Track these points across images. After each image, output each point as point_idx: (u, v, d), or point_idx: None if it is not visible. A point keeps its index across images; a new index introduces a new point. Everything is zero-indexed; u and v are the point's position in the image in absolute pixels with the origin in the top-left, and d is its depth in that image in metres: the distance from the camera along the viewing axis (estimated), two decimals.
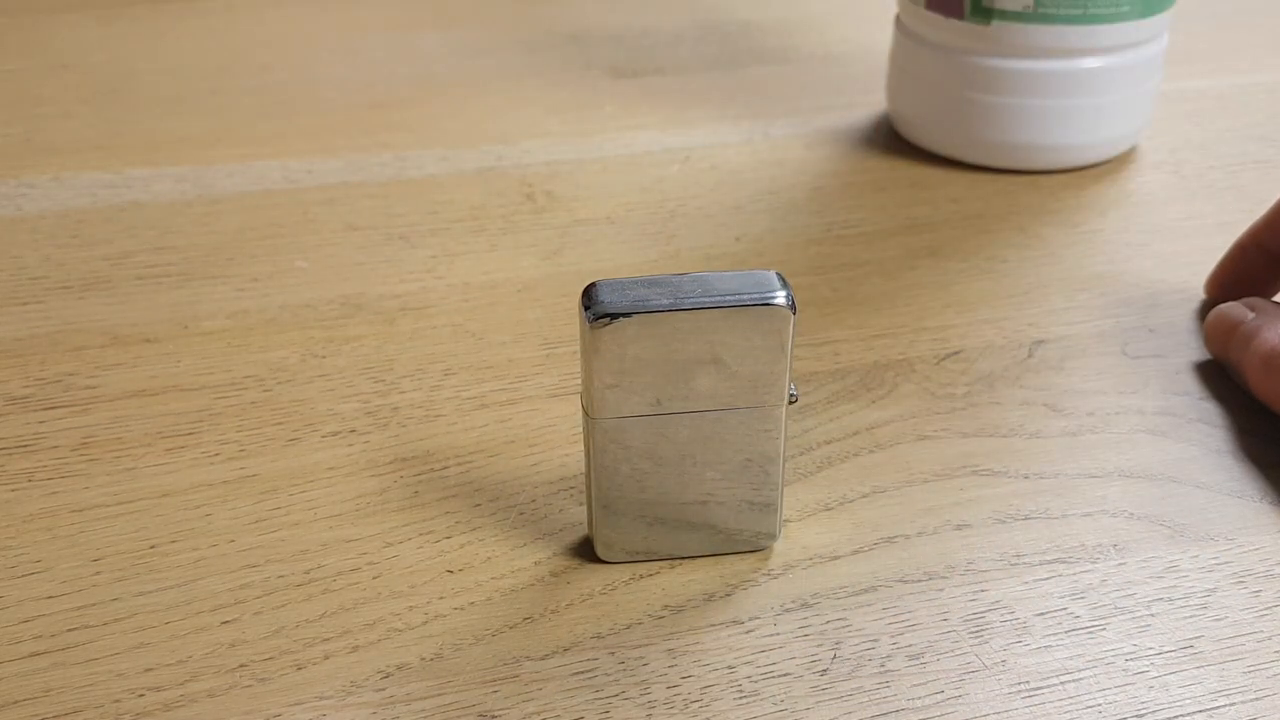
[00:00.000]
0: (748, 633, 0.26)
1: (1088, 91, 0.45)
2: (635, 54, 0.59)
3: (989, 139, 0.46)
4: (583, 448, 0.27)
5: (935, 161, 0.48)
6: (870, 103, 0.53)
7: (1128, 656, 0.25)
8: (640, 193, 0.45)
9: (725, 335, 0.24)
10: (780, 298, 0.24)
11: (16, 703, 0.24)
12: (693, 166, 0.47)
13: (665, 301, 0.24)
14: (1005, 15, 0.43)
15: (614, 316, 0.24)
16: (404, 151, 0.49)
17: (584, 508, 0.29)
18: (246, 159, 0.48)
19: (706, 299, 0.24)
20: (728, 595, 0.27)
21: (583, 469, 0.28)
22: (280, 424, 0.32)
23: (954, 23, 0.45)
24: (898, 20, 0.49)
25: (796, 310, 0.25)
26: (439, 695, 0.25)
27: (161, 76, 0.56)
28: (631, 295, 0.24)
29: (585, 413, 0.26)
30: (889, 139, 0.50)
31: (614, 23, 0.63)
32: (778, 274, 0.25)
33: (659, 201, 0.45)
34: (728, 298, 0.24)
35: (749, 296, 0.24)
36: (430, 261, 0.41)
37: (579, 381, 0.34)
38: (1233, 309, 0.34)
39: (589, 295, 0.24)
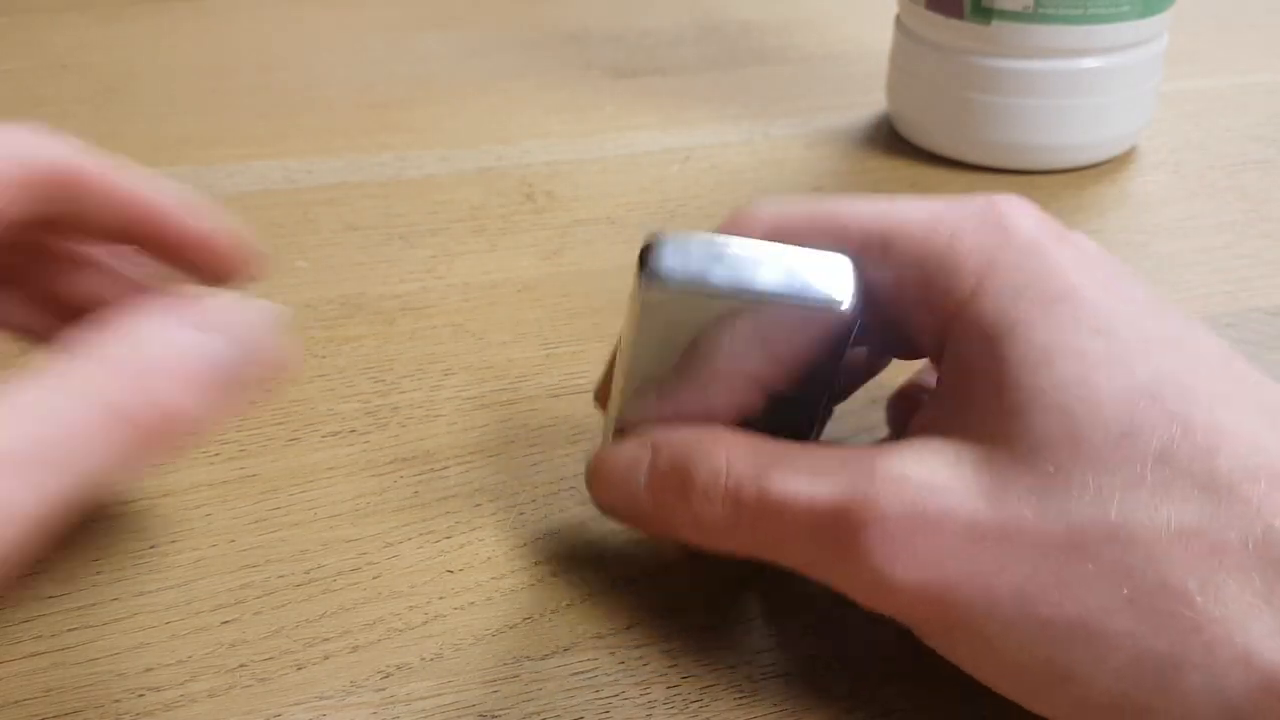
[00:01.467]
0: (748, 633, 0.26)
1: (1087, 91, 0.45)
2: (635, 54, 0.59)
3: (989, 139, 0.46)
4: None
5: (935, 161, 0.48)
6: (870, 103, 0.53)
7: None
8: (640, 193, 0.45)
9: (779, 332, 0.24)
10: (844, 301, 0.23)
11: (16, 703, 0.24)
12: (693, 166, 0.47)
13: (724, 280, 0.23)
14: (1005, 15, 0.43)
15: (667, 284, 0.23)
16: (404, 151, 0.49)
17: (584, 507, 0.29)
18: (246, 159, 0.48)
19: (769, 285, 0.23)
20: (728, 595, 0.27)
21: (583, 469, 0.28)
22: (280, 424, 0.32)
23: (954, 22, 0.45)
24: (898, 20, 0.49)
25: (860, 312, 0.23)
26: (439, 695, 0.25)
27: (161, 76, 0.56)
28: (695, 262, 0.23)
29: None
30: (889, 139, 0.50)
31: (614, 23, 0.63)
32: (853, 263, 0.23)
33: (659, 201, 0.45)
34: (791, 291, 0.23)
35: (812, 294, 0.23)
36: (430, 261, 0.41)
37: (578, 381, 0.34)
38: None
39: (649, 255, 0.23)
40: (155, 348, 0.20)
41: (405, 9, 0.65)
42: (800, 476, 0.23)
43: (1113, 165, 0.47)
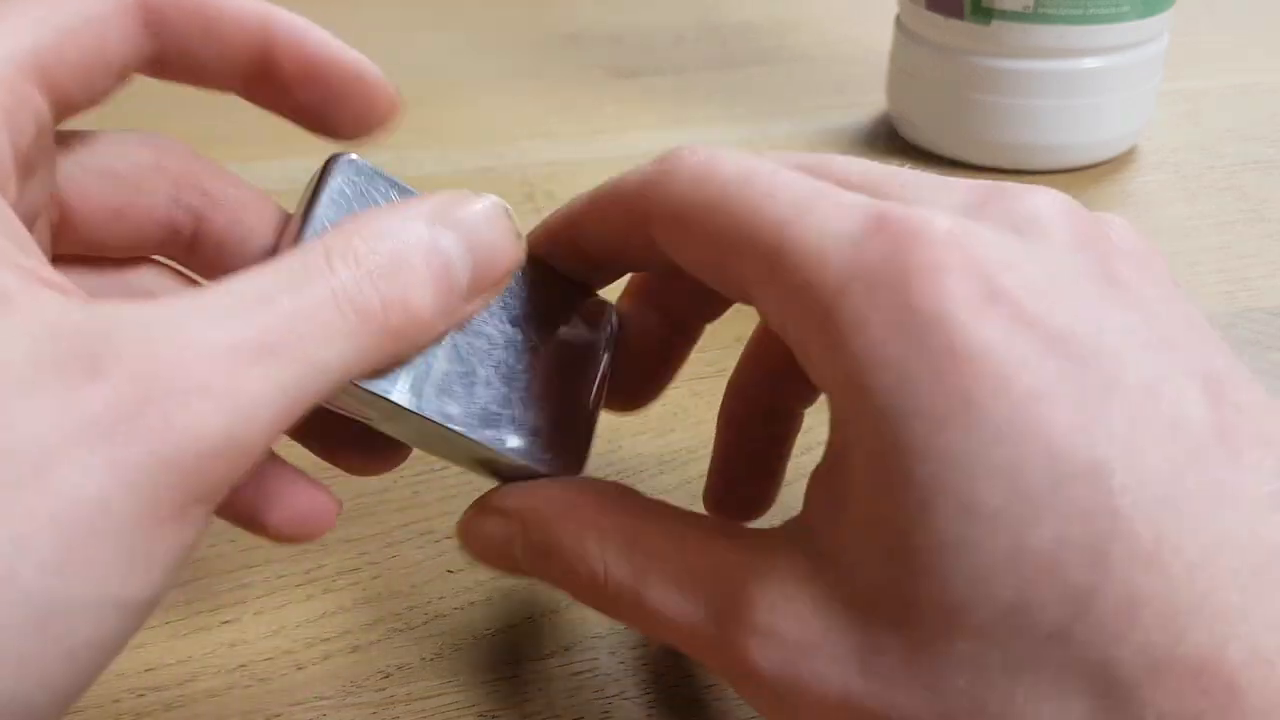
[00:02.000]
0: None
1: (1088, 91, 0.45)
2: (635, 54, 0.59)
3: (989, 139, 0.46)
4: None
5: (936, 162, 0.47)
6: (870, 103, 0.53)
7: None
8: None
9: None
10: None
11: None
12: None
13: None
14: (1005, 15, 0.43)
15: None
16: (403, 151, 0.49)
17: None
18: (247, 159, 0.48)
19: None
20: None
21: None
22: None
23: (954, 23, 0.45)
24: (898, 20, 0.49)
25: None
26: (439, 695, 0.25)
27: None
28: None
29: None
30: (889, 139, 0.50)
31: (614, 22, 0.63)
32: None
33: None
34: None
35: None
36: None
37: None
38: None
39: None
40: (395, 242, 0.18)
41: (405, 9, 0.65)
42: (675, 591, 0.20)
43: (1113, 165, 0.47)
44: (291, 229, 0.21)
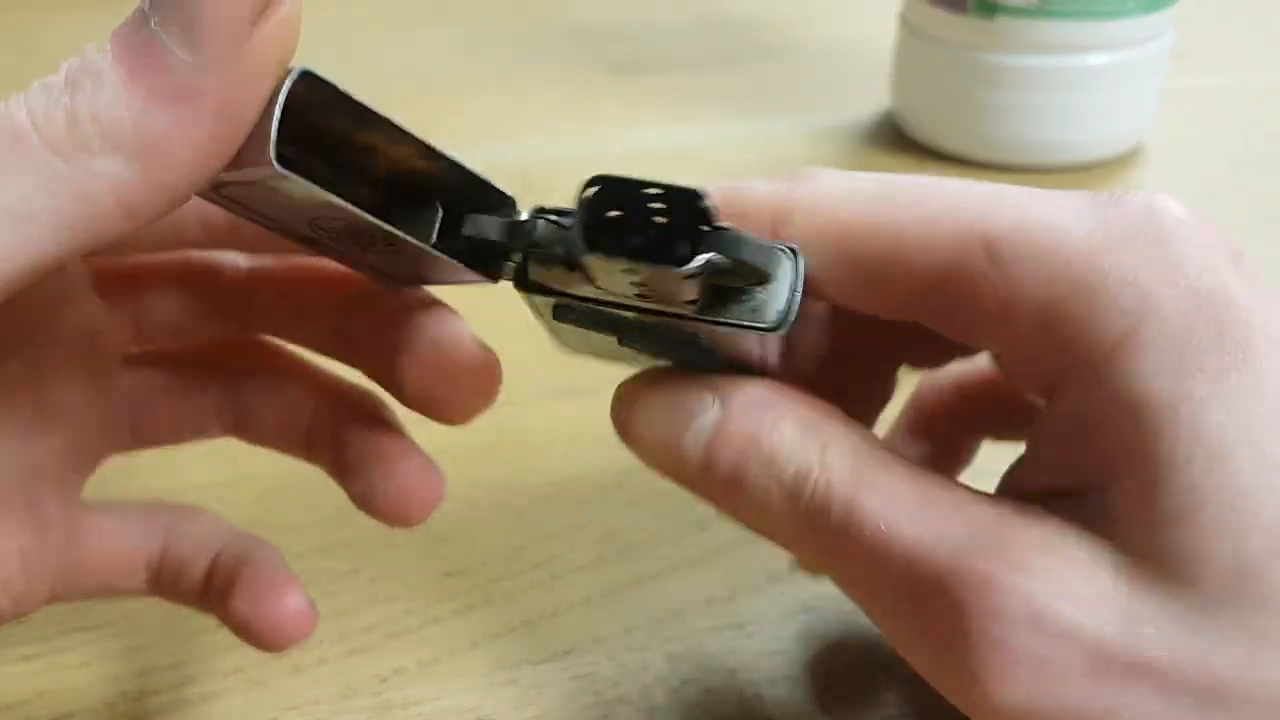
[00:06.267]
0: (749, 636, 0.26)
1: (1092, 88, 0.44)
2: (636, 50, 0.59)
3: (992, 135, 0.46)
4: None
5: (938, 158, 0.47)
6: (873, 99, 0.52)
7: None
8: None
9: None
10: None
11: (9, 706, 0.24)
12: (694, 164, 0.47)
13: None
14: (1009, 11, 0.43)
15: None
16: None
17: (584, 510, 0.29)
18: None
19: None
20: (729, 599, 0.27)
21: (583, 469, 0.27)
22: None
23: (957, 18, 0.44)
24: (901, 16, 0.48)
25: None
26: (437, 700, 0.24)
27: None
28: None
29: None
30: (892, 135, 0.49)
31: (615, 18, 0.63)
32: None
33: None
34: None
35: None
36: None
37: (578, 382, 0.34)
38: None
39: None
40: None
41: (405, 3, 0.65)
42: (905, 510, 0.18)
43: (1119, 163, 0.47)
44: None
